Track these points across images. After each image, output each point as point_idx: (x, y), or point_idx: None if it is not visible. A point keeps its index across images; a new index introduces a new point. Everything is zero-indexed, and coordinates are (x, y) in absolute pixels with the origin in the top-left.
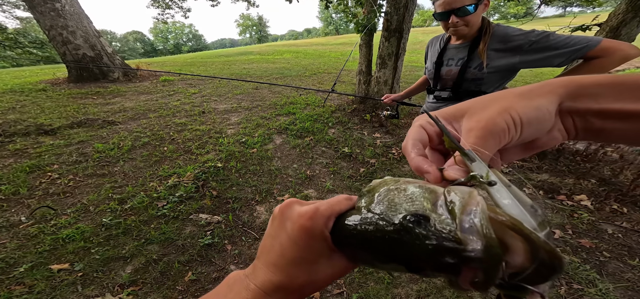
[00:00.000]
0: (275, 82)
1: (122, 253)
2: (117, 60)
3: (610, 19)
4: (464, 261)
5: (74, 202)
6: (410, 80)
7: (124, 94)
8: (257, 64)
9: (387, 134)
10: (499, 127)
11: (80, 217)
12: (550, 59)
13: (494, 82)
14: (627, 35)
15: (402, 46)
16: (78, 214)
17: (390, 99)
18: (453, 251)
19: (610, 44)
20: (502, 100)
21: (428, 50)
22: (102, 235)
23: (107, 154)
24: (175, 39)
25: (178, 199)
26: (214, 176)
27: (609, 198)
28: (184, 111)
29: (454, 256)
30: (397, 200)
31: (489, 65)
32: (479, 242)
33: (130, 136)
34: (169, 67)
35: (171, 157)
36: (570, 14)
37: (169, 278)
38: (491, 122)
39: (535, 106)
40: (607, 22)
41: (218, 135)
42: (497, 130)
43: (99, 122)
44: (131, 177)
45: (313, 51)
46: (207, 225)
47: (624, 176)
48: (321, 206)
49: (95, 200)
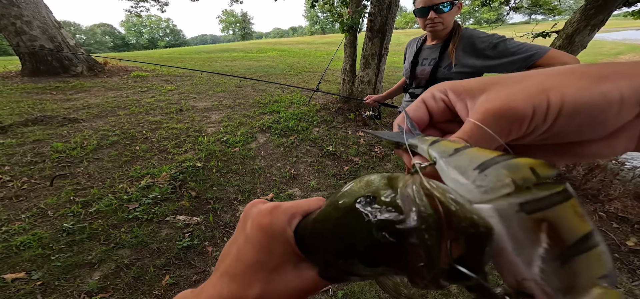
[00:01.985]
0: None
1: (87, 259)
2: (81, 53)
3: (566, 27)
4: (402, 235)
5: (29, 206)
6: (392, 80)
7: (88, 89)
8: (241, 61)
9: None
10: (516, 113)
11: (37, 222)
12: (508, 65)
13: None
14: (580, 42)
15: (385, 47)
16: (34, 220)
17: (372, 100)
18: (391, 224)
19: (555, 54)
20: (551, 76)
21: (407, 51)
22: (63, 241)
23: (68, 154)
24: (150, 33)
25: (152, 201)
26: (192, 176)
27: None
28: (159, 108)
29: (392, 230)
30: (356, 189)
31: (457, 65)
32: (414, 212)
33: (96, 135)
34: (141, 63)
35: (144, 156)
36: (535, 21)
37: (143, 282)
38: (506, 106)
39: (603, 90)
40: (564, 30)
41: (197, 134)
42: (512, 117)
43: (58, 119)
44: (97, 179)
45: (299, 50)
46: (185, 227)
47: (576, 171)
48: (286, 203)
49: (55, 204)
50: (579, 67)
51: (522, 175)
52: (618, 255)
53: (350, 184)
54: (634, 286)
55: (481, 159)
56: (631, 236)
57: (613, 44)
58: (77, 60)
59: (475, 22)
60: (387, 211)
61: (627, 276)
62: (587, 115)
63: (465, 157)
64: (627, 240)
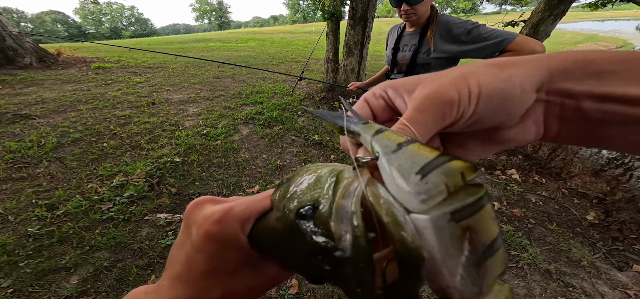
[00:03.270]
0: (240, 70)
1: (61, 263)
2: (28, 43)
3: (532, 16)
4: (337, 264)
5: None
6: (375, 68)
7: (41, 82)
8: (218, 51)
9: None
10: (445, 97)
11: None
12: (481, 50)
13: (439, 68)
14: (544, 31)
15: (367, 35)
16: None
17: (355, 87)
18: (325, 250)
19: (523, 40)
20: (466, 68)
21: (388, 37)
22: (30, 247)
23: (23, 154)
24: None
25: (128, 200)
26: (171, 172)
27: (531, 171)
28: (127, 102)
29: (326, 257)
30: (303, 191)
31: (435, 51)
32: (349, 238)
33: (55, 132)
34: (103, 54)
35: (114, 154)
36: (505, 11)
37: (127, 284)
38: (436, 91)
39: (506, 76)
40: (530, 19)
41: (174, 128)
42: (443, 100)
43: (8, 116)
44: (61, 180)
45: (280, 39)
46: (167, 225)
47: (542, 152)
48: (237, 206)
49: (15, 208)
50: (488, 61)
51: (454, 181)
52: (580, 229)
53: (303, 177)
54: (595, 258)
55: (422, 161)
56: (590, 211)
57: (572, 34)
58: (23, 51)
59: (452, 11)
60: (322, 235)
61: (588, 249)
62: (499, 98)
63: (407, 156)
64: (586, 214)
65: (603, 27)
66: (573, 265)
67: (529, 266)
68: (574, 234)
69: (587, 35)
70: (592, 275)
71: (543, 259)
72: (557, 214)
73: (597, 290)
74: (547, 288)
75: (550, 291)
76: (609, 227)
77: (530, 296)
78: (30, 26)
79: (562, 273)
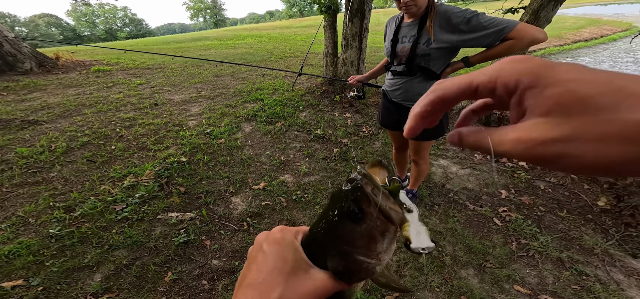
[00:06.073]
0: (239, 68)
1: (84, 262)
2: (25, 48)
3: (532, 2)
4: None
5: (7, 215)
6: (375, 60)
7: (43, 88)
8: (216, 50)
9: (357, 114)
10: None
11: (20, 231)
12: (481, 39)
13: (440, 58)
14: (545, 17)
15: (365, 27)
16: (16, 228)
17: (355, 80)
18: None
19: (524, 27)
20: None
21: (386, 29)
22: (53, 247)
23: (36, 159)
24: (105, 24)
25: (139, 201)
26: (178, 172)
27: None
28: (130, 103)
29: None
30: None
31: (435, 41)
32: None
33: (64, 136)
34: (101, 56)
35: (122, 156)
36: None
37: (146, 280)
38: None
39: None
40: (530, 5)
41: (178, 128)
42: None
43: (16, 123)
44: (74, 182)
45: (277, 35)
46: (179, 223)
47: None
48: (291, 227)
49: (34, 211)
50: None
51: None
52: (591, 216)
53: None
54: (608, 245)
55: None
56: (601, 196)
57: (575, 19)
58: (21, 56)
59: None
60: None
61: (601, 236)
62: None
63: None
64: (597, 200)
65: (606, 11)
66: (586, 253)
67: (540, 255)
68: (585, 220)
69: (589, 19)
70: (606, 263)
71: (554, 248)
72: (567, 200)
73: (612, 278)
74: (560, 277)
75: (564, 280)
76: (621, 213)
77: (543, 286)
78: (25, 30)
79: (574, 261)
